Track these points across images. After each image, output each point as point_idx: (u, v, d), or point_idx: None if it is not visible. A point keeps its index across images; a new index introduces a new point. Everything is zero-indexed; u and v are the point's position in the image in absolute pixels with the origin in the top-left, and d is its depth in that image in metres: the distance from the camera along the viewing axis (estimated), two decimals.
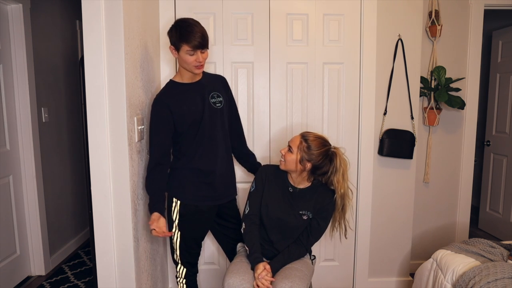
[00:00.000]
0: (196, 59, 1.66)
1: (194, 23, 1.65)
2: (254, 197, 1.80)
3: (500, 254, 1.82)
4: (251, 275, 1.61)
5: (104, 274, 1.66)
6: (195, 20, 1.69)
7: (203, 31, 1.65)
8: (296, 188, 1.76)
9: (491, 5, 2.68)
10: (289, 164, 1.70)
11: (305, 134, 1.73)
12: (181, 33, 1.62)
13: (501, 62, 3.49)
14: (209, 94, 1.79)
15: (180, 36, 1.62)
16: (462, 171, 2.79)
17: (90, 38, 1.54)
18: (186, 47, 1.62)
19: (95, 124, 1.58)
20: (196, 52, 1.64)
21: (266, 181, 1.80)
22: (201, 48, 1.64)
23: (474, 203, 3.49)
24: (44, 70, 2.79)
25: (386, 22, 2.32)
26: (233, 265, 1.69)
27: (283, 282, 1.58)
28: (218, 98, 1.81)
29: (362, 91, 2.34)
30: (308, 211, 1.73)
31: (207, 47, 1.68)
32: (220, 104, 1.81)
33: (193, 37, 1.61)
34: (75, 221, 3.25)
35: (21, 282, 2.63)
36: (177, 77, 1.80)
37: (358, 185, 2.41)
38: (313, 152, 1.67)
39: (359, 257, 2.47)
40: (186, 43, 1.62)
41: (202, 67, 1.72)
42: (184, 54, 1.65)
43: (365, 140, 2.38)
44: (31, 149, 2.62)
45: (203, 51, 1.67)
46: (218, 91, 1.83)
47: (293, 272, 1.65)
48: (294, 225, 1.73)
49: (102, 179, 1.61)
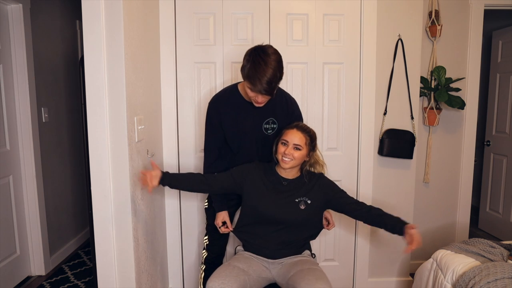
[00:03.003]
0: (254, 97, 1.59)
1: (269, 65, 1.50)
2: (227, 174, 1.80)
3: (500, 254, 1.82)
4: (232, 279, 1.58)
5: (104, 274, 1.66)
6: (276, 55, 1.55)
7: (274, 77, 1.51)
8: (289, 179, 1.77)
9: (491, 5, 2.68)
10: (298, 160, 1.71)
11: (302, 129, 1.72)
12: (250, 69, 1.51)
13: (501, 62, 3.49)
14: (264, 119, 1.77)
15: (247, 72, 1.52)
16: (462, 171, 2.79)
17: (90, 38, 1.54)
18: (248, 84, 1.54)
19: (95, 124, 1.58)
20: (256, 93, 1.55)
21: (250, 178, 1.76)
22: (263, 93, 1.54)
23: (474, 203, 3.50)
24: (44, 70, 2.79)
25: (386, 22, 2.32)
26: (218, 269, 1.65)
27: (318, 283, 1.54)
28: (273, 125, 1.79)
29: (362, 91, 2.34)
30: (304, 197, 1.73)
31: (271, 94, 1.56)
32: (271, 131, 1.80)
33: (259, 80, 1.50)
34: (75, 221, 3.25)
35: (21, 282, 2.63)
36: (242, 87, 1.74)
37: (358, 185, 2.41)
38: (315, 141, 1.76)
39: (359, 257, 2.47)
40: (248, 82, 1.52)
41: (261, 105, 1.65)
42: (246, 86, 1.58)
43: (365, 140, 2.38)
44: (31, 149, 2.62)
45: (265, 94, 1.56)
46: (275, 118, 1.79)
47: (319, 274, 1.61)
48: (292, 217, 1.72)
49: (102, 179, 1.61)
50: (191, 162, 2.32)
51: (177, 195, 2.36)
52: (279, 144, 1.72)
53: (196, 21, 2.24)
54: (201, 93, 2.29)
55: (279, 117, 1.81)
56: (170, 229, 2.37)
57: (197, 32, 2.25)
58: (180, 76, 2.27)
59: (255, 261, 1.74)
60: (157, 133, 2.16)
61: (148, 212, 1.94)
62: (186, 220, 2.39)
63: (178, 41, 2.24)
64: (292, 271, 1.66)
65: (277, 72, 1.53)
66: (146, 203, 1.89)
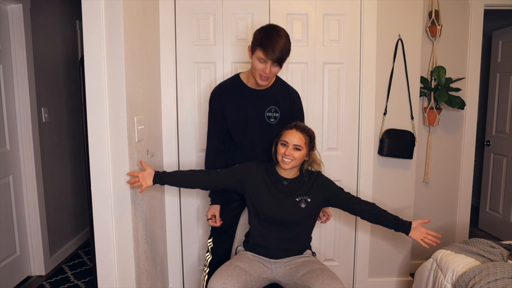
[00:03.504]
0: (264, 69, 1.59)
1: (282, 35, 1.56)
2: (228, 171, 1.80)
3: (500, 254, 1.82)
4: (234, 279, 1.58)
5: (104, 274, 1.66)
6: (287, 33, 1.60)
7: (286, 47, 1.56)
8: (289, 179, 1.77)
9: (491, 5, 2.68)
10: (298, 161, 1.72)
11: (301, 129, 1.72)
12: (263, 37, 1.55)
13: (501, 62, 3.49)
14: (267, 106, 1.76)
15: (260, 40, 1.55)
16: (462, 171, 2.79)
17: (90, 38, 1.54)
18: (260, 53, 1.56)
19: (95, 124, 1.58)
20: (267, 62, 1.57)
21: (251, 177, 1.76)
22: (273, 59, 1.56)
23: (474, 203, 3.50)
24: (44, 70, 2.79)
25: (386, 22, 2.32)
26: (220, 268, 1.65)
27: (335, 283, 1.55)
28: (275, 114, 1.78)
29: (362, 91, 2.34)
30: (304, 196, 1.74)
31: (280, 65, 1.60)
32: (274, 120, 1.79)
33: (272, 47, 1.53)
34: (75, 221, 3.25)
35: (21, 282, 2.63)
36: (244, 75, 1.76)
37: (358, 185, 2.41)
38: (314, 140, 1.76)
39: (359, 257, 2.47)
40: (262, 49, 1.54)
41: (267, 80, 1.66)
42: (255, 60, 1.60)
43: (365, 140, 2.38)
44: (31, 149, 2.62)
45: (276, 65, 1.59)
46: (278, 106, 1.78)
47: (332, 274, 1.63)
48: (294, 217, 1.73)
49: (102, 179, 1.61)
50: (191, 162, 2.32)
51: (177, 195, 2.36)
52: (279, 145, 1.72)
53: (196, 21, 2.24)
54: (201, 93, 2.29)
55: (281, 106, 1.80)
56: (170, 229, 2.37)
57: (197, 32, 2.25)
58: (180, 76, 2.27)
59: (256, 261, 1.74)
60: (157, 133, 2.16)
61: (148, 212, 1.94)
62: (186, 220, 2.39)
63: (178, 41, 2.24)
64: (301, 271, 1.66)
65: (288, 44, 1.59)
66: (146, 203, 1.89)
